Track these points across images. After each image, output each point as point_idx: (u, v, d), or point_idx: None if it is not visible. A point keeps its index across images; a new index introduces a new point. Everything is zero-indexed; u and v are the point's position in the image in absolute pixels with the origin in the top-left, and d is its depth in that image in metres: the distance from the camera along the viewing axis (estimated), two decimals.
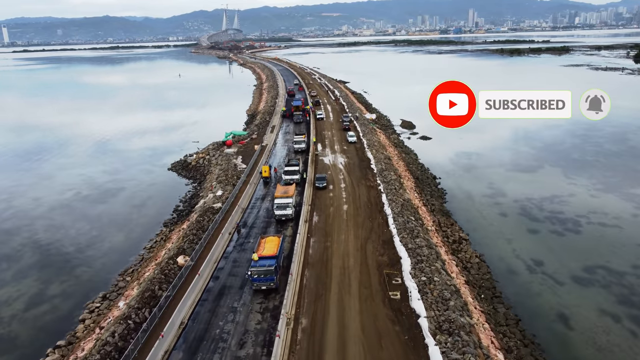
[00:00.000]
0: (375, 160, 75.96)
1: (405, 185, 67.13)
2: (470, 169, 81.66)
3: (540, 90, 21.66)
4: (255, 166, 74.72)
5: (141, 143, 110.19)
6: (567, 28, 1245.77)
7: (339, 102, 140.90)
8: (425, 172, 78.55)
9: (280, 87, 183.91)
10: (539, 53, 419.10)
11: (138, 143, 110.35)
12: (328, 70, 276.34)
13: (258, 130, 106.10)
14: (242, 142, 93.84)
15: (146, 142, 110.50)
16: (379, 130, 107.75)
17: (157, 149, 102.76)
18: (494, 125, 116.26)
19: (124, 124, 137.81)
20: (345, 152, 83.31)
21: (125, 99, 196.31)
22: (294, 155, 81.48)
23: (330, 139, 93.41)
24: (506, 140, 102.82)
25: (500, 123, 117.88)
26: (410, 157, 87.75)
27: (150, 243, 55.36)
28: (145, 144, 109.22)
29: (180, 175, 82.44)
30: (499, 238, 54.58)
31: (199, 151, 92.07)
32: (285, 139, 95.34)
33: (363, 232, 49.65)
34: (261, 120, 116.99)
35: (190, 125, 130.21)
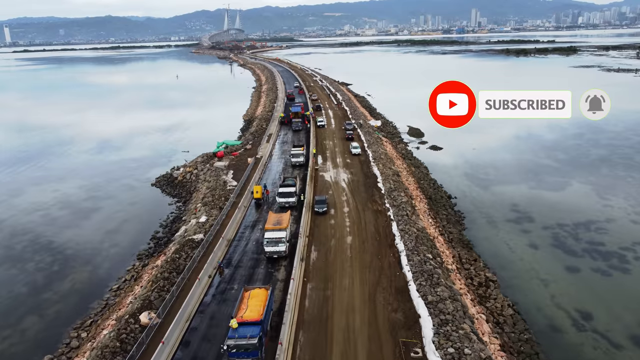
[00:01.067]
0: (382, 177, 67.25)
1: (418, 208, 58.42)
2: (488, 186, 72.84)
3: (540, 90, 21.80)
4: (247, 183, 66.10)
5: (126, 153, 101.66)
6: (571, 28, 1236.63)
7: (341, 106, 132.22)
8: (438, 190, 69.76)
9: (279, 89, 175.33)
10: (545, 53, 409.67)
11: (123, 153, 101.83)
12: (330, 71, 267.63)
13: (253, 139, 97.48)
14: (234, 154, 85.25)
15: (132, 152, 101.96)
16: (385, 139, 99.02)
17: (142, 160, 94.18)
18: (508, 132, 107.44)
19: (111, 129, 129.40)
20: (348, 166, 74.60)
21: (118, 102, 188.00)
22: (291, 171, 72.86)
23: (332, 150, 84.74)
24: (524, 150, 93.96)
25: (515, 130, 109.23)
26: (420, 171, 79.00)
27: (118, 283, 46.76)
28: (130, 153, 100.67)
29: (164, 192, 73.85)
30: (532, 278, 45.83)
31: (187, 164, 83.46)
32: (282, 150, 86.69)
33: (371, 275, 40.99)
34: (257, 127, 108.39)
35: (182, 132, 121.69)
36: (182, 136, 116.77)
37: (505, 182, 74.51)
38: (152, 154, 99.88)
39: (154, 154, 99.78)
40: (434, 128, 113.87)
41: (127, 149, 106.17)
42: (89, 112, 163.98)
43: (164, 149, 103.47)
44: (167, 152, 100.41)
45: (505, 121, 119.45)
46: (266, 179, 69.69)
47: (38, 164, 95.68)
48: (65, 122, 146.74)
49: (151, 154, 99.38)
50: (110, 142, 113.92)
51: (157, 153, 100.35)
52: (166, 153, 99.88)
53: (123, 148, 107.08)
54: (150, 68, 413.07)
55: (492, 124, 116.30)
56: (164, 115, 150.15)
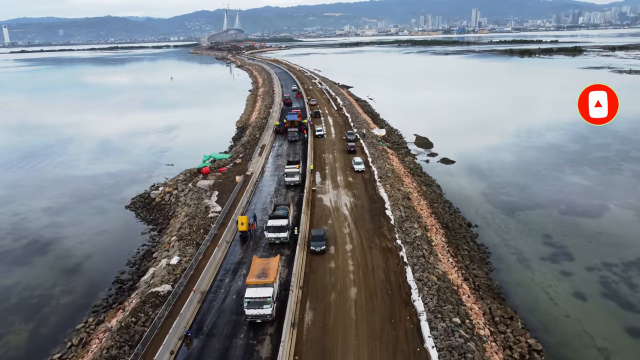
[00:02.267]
0: (390, 201, 57.53)
1: (435, 243, 48.72)
2: (512, 209, 63.06)
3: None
4: (232, 209, 56.42)
5: (105, 165, 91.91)
6: (572, 28, 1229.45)
7: (341, 112, 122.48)
8: (455, 216, 59.99)
9: (276, 93, 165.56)
10: (550, 54, 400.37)
11: (101, 165, 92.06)
12: (330, 72, 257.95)
13: (244, 151, 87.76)
14: (222, 169, 75.52)
15: (111, 164, 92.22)
16: (390, 151, 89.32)
17: (120, 175, 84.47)
18: (526, 141, 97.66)
19: (92, 137, 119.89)
20: (351, 186, 64.88)
21: (106, 105, 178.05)
22: (285, 192, 63.17)
23: (332, 166, 75.01)
24: (546, 163, 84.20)
25: (535, 139, 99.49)
26: (432, 191, 69.26)
27: (62, 350, 37.02)
28: (109, 166, 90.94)
29: (139, 217, 64.13)
30: (585, 345, 36.10)
31: (167, 182, 73.71)
32: (276, 166, 76.93)
33: (383, 351, 31.27)
34: (250, 137, 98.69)
35: (170, 141, 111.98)
36: (168, 145, 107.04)
37: (531, 204, 64.74)
38: (133, 167, 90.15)
39: (134, 167, 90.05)
40: (443, 137, 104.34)
41: (106, 160, 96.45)
42: (73, 116, 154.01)
43: (147, 161, 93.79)
44: (149, 165, 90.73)
45: (521, 128, 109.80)
46: (255, 204, 59.96)
47: (6, 179, 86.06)
48: (44, 125, 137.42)
49: (131, 168, 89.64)
50: (88, 152, 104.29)
51: (138, 166, 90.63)
52: (148, 166, 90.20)
53: (102, 159, 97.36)
54: (146, 69, 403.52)
55: (506, 132, 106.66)
56: (151, 121, 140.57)
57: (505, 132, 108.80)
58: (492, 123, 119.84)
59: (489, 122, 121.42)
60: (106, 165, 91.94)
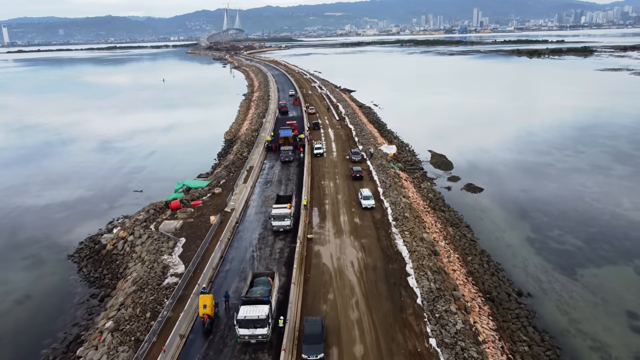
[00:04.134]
0: (413, 259, 42.51)
1: (483, 336, 33.57)
2: (572, 266, 47.90)
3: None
4: (199, 271, 41.47)
5: (58, 193, 76.38)
6: (574, 27, 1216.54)
7: (343, 123, 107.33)
8: (499, 279, 44.63)
9: (272, 99, 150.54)
10: (560, 54, 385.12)
11: (54, 193, 76.49)
12: (330, 74, 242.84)
13: (227, 175, 72.61)
14: (196, 203, 60.37)
15: (66, 191, 76.77)
16: (404, 174, 74.17)
17: (74, 208, 69.25)
18: (571, 163, 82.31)
19: (53, 154, 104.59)
20: (358, 232, 49.80)
21: (82, 110, 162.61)
22: (272, 242, 48.08)
23: (333, 199, 59.90)
24: (603, 191, 68.96)
25: (581, 160, 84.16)
26: (462, 234, 54.12)
27: None
28: (63, 194, 75.61)
29: (82, 274, 49.03)
30: None
31: (125, 219, 58.51)
32: (263, 198, 61.75)
33: None
34: (236, 155, 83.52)
35: (144, 159, 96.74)
36: (142, 164, 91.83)
37: (596, 257, 49.49)
38: (94, 194, 74.94)
39: (95, 194, 74.85)
40: (463, 155, 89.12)
41: (64, 183, 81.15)
42: (49, 123, 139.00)
43: (112, 186, 78.61)
44: (114, 191, 75.58)
45: (556, 144, 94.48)
46: (231, 261, 44.80)
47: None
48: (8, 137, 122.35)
49: (91, 195, 74.44)
50: (44, 172, 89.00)
51: (100, 193, 75.43)
52: (113, 192, 75.04)
53: (58, 183, 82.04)
54: (140, 70, 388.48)
55: (540, 148, 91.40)
56: (128, 132, 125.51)
57: (539, 149, 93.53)
58: (521, 137, 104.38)
59: (515, 135, 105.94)
60: (61, 192, 76.62)
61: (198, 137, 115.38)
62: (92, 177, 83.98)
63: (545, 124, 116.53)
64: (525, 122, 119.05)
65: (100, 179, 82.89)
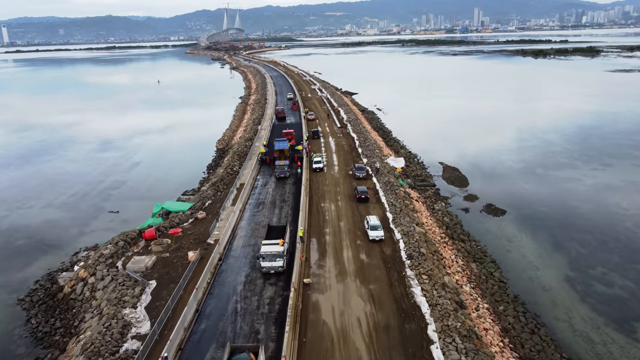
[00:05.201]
0: (435, 317, 33.99)
1: None
2: (634, 320, 39.22)
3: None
4: (170, 325, 32.97)
5: (21, 214, 67.40)
6: (576, 27, 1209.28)
7: (345, 131, 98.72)
8: (543, 343, 35.79)
9: (269, 102, 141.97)
10: (565, 54, 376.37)
11: (15, 215, 67.50)
12: (331, 76, 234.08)
13: (214, 194, 63.97)
14: (175, 231, 51.68)
15: (30, 213, 67.87)
16: (415, 193, 65.59)
17: (37, 235, 60.41)
18: (605, 178, 73.53)
19: (28, 164, 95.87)
20: (365, 274, 41.23)
21: (75, 112, 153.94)
22: (261, 288, 39.49)
23: (335, 227, 51.27)
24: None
25: (617, 173, 75.35)
26: (488, 273, 45.50)
27: None
28: (26, 216, 66.72)
29: (29, 327, 40.37)
30: None
31: (90, 254, 49.85)
32: (253, 226, 53.06)
33: None
34: (226, 170, 74.78)
35: (126, 172, 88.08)
36: (122, 178, 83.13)
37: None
38: (63, 216, 66.29)
39: (65, 216, 66.18)
40: (478, 168, 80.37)
41: (30, 202, 72.27)
42: (27, 127, 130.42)
43: (86, 205, 69.93)
44: (86, 212, 66.90)
45: (587, 153, 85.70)
46: (209, 317, 36.11)
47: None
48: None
49: (61, 217, 65.78)
50: (11, 186, 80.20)
51: (71, 214, 66.74)
52: (85, 213, 66.38)
53: (24, 200, 73.17)
54: (136, 70, 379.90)
55: (567, 161, 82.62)
56: (115, 137, 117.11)
57: (562, 161, 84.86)
58: (540, 147, 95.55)
59: (533, 144, 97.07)
60: (26, 212, 67.91)
61: (188, 145, 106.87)
62: (65, 193, 75.29)
63: (564, 131, 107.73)
64: (543, 129, 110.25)
65: (75, 195, 74.20)
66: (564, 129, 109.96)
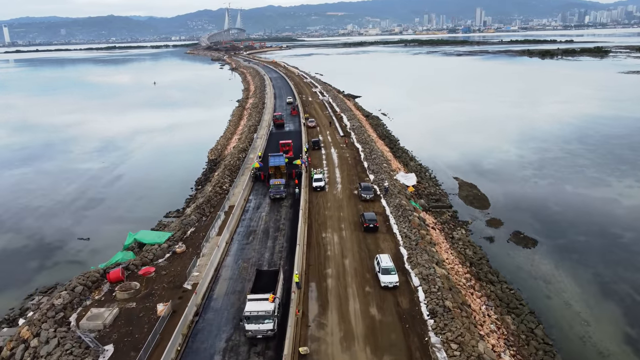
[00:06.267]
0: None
1: None
2: None
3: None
4: None
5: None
6: (579, 27, 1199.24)
7: (349, 141, 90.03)
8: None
9: (267, 107, 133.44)
10: (573, 54, 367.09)
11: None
12: (333, 77, 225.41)
13: (199, 220, 55.37)
14: (146, 271, 43.05)
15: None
16: (430, 218, 56.95)
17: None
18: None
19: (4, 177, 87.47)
20: (377, 339, 32.68)
21: (63, 115, 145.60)
22: (246, 355, 30.79)
23: (338, 266, 42.63)
24: None
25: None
26: (528, 329, 36.80)
27: None
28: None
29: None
30: None
31: (43, 301, 41.26)
32: (241, 264, 44.39)
33: None
34: (215, 188, 66.09)
35: (109, 185, 79.66)
36: (102, 194, 74.60)
37: None
38: (26, 243, 57.73)
39: (27, 243, 57.63)
40: (499, 184, 71.73)
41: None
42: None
43: (54, 229, 61.41)
44: (53, 239, 58.41)
45: (615, 173, 76.72)
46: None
47: None
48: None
49: (22, 245, 57.20)
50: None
51: (35, 240, 58.23)
52: (50, 240, 57.89)
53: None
54: (134, 71, 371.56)
55: (594, 179, 73.71)
56: (101, 146, 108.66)
57: (594, 176, 76.14)
58: (565, 160, 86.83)
59: (556, 157, 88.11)
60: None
61: (179, 154, 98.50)
62: (31, 214, 66.77)
63: (588, 140, 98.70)
64: (565, 137, 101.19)
65: (42, 217, 65.68)
66: (588, 137, 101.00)
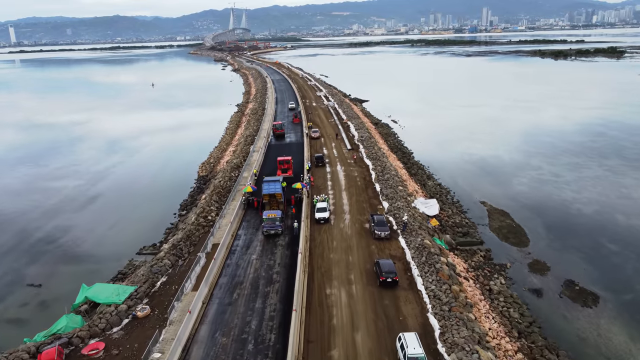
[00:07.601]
0: None
1: None
2: None
3: None
4: None
5: None
6: (587, 27, 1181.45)
7: (358, 156, 79.06)
8: None
9: (267, 113, 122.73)
10: (587, 55, 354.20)
11: None
12: (338, 79, 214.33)
13: (173, 264, 44.62)
14: (93, 348, 32.29)
15: None
16: (459, 260, 45.95)
17: None
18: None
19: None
20: None
21: (45, 116, 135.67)
22: None
23: (347, 346, 31.93)
24: None
25: None
26: None
27: None
28: None
29: None
30: None
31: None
32: (220, 338, 33.63)
33: None
34: (198, 219, 55.25)
35: (79, 209, 69.18)
36: (70, 221, 64.10)
37: None
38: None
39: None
40: (535, 210, 60.44)
41: None
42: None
43: (0, 273, 50.89)
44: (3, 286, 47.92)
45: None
46: None
47: None
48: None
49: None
50: None
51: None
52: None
53: None
54: (133, 71, 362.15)
55: None
56: (83, 157, 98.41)
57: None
58: (609, 178, 75.49)
59: (600, 176, 76.68)
60: None
61: (166, 169, 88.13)
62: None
63: (628, 153, 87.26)
64: (603, 152, 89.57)
65: (8, 248, 55.23)
66: (629, 151, 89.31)
